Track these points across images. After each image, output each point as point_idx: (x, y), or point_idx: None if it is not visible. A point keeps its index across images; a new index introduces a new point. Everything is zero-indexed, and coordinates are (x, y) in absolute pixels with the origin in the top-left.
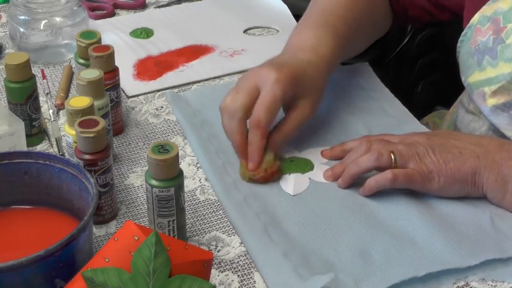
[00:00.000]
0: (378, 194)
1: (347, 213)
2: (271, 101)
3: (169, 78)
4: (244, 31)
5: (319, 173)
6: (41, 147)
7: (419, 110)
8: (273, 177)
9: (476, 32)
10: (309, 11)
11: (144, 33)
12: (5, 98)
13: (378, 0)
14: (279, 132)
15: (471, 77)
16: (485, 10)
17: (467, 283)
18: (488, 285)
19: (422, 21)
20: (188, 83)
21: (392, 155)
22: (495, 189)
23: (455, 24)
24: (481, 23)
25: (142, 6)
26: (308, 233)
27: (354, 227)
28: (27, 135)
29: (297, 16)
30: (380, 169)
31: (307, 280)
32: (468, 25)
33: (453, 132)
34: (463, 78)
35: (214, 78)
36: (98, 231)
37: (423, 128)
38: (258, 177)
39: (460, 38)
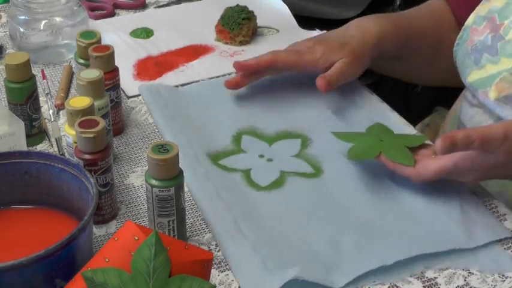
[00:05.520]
0: (350, 187)
1: (319, 204)
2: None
3: (169, 78)
4: None
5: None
6: (41, 147)
7: (419, 111)
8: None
9: (473, 32)
10: None
11: (144, 33)
12: (5, 98)
13: (445, 17)
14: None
15: (470, 76)
16: (479, 10)
17: (467, 283)
18: (488, 284)
19: None
20: (188, 83)
21: None
22: None
23: None
24: (477, 23)
25: (142, 6)
26: (279, 223)
27: (325, 217)
28: (27, 135)
29: (297, 16)
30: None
31: (275, 274)
32: (463, 27)
33: None
34: (463, 80)
35: (214, 78)
36: (98, 231)
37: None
38: None
39: (456, 42)
